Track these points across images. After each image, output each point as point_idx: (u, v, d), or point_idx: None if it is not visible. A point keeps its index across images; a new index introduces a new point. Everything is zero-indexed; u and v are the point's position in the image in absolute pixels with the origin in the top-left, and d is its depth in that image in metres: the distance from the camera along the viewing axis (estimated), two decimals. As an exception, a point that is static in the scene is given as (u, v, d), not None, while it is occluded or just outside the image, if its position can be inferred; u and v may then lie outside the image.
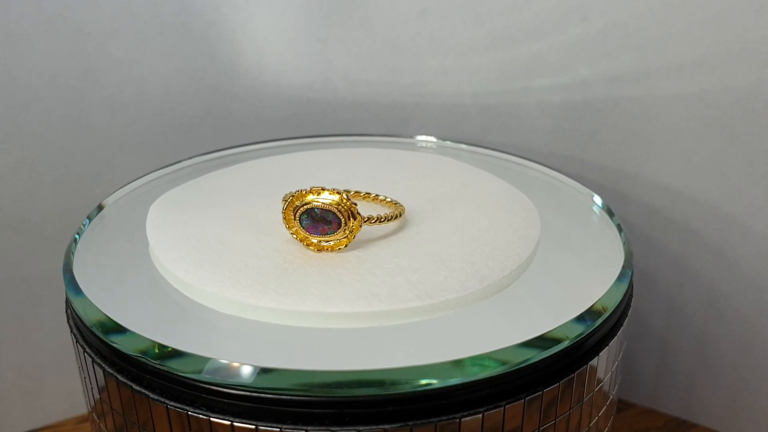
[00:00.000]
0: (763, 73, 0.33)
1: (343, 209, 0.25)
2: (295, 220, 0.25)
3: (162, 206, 0.29)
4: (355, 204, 0.25)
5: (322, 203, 0.25)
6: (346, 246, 0.25)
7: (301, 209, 0.25)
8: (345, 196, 0.25)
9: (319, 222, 0.25)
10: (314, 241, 0.25)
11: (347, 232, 0.25)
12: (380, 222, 0.26)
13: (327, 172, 0.33)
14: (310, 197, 0.25)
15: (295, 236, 0.26)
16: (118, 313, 0.23)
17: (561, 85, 0.38)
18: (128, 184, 0.33)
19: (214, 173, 0.33)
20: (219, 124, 0.41)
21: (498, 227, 0.27)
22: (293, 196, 0.25)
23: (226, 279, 0.24)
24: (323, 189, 0.25)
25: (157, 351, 0.22)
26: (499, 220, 0.28)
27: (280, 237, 0.26)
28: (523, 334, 0.22)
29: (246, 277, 0.24)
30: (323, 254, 0.25)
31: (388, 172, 0.33)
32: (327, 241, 0.25)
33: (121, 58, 0.38)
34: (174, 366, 0.21)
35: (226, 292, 0.24)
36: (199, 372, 0.21)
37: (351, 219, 0.25)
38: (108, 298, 0.24)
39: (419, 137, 0.39)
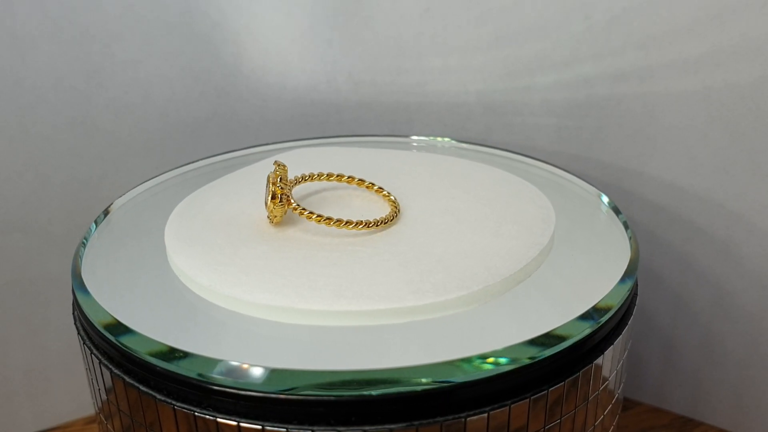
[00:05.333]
0: (767, 70, 0.33)
1: (274, 185, 0.27)
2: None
3: (181, 209, 0.29)
4: (281, 188, 0.27)
5: (269, 175, 0.27)
6: (275, 222, 0.27)
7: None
8: (278, 177, 0.27)
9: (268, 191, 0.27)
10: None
11: (271, 207, 0.27)
12: (368, 227, 0.27)
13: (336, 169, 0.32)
14: (272, 170, 0.27)
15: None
16: (125, 315, 0.23)
17: (565, 83, 0.38)
18: (135, 187, 0.33)
19: (227, 176, 0.33)
20: (224, 125, 0.41)
21: (508, 225, 0.27)
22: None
23: (230, 278, 0.24)
24: (283, 166, 0.27)
25: (165, 353, 0.22)
26: (511, 219, 0.28)
27: (287, 236, 0.27)
28: (528, 331, 0.22)
29: (252, 275, 0.24)
30: (332, 254, 0.25)
31: (394, 169, 0.32)
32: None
33: (126, 60, 0.38)
34: (182, 367, 0.21)
35: (230, 290, 0.24)
36: (209, 374, 0.21)
37: (275, 199, 0.27)
38: (115, 299, 0.24)
39: (422, 137, 0.39)
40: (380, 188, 0.29)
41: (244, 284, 0.24)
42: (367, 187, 0.30)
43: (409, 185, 0.31)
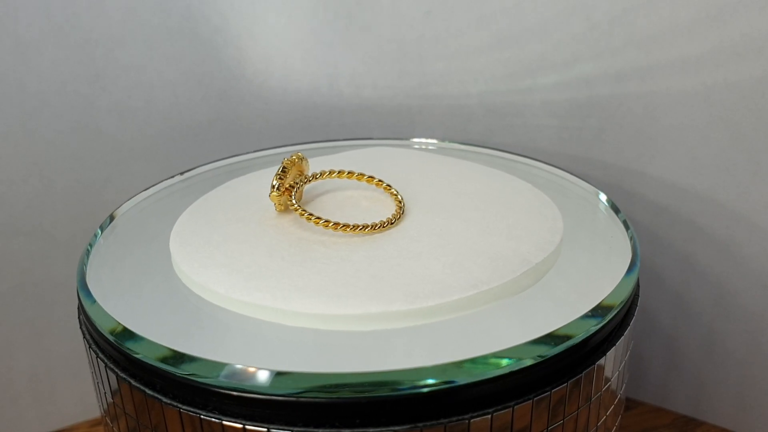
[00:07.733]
0: (768, 70, 0.33)
1: (276, 176, 0.28)
2: None
3: (188, 214, 0.30)
4: (281, 177, 0.28)
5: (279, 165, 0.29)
6: (277, 210, 0.29)
7: None
8: (282, 167, 0.28)
9: None
10: None
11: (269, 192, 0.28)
12: (344, 229, 0.27)
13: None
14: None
15: None
16: (130, 320, 0.23)
17: (566, 84, 0.38)
18: (140, 193, 0.33)
19: (234, 181, 0.33)
20: (227, 128, 0.41)
21: (515, 228, 0.27)
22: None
23: (235, 280, 0.24)
24: (292, 159, 0.29)
25: (171, 357, 0.22)
26: (519, 222, 0.28)
27: (292, 237, 0.27)
28: (531, 332, 0.22)
29: (257, 278, 0.24)
30: (336, 256, 0.26)
31: (402, 170, 0.33)
32: None
33: (130, 65, 0.38)
34: (189, 371, 0.21)
35: (234, 292, 0.24)
36: (215, 377, 0.21)
37: (272, 188, 0.28)
38: (120, 305, 0.25)
39: (426, 139, 0.39)
40: (400, 200, 0.29)
41: (246, 286, 0.24)
42: (367, 179, 0.30)
43: (414, 184, 0.31)
